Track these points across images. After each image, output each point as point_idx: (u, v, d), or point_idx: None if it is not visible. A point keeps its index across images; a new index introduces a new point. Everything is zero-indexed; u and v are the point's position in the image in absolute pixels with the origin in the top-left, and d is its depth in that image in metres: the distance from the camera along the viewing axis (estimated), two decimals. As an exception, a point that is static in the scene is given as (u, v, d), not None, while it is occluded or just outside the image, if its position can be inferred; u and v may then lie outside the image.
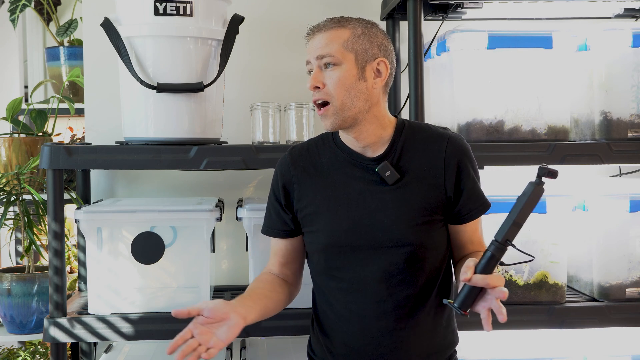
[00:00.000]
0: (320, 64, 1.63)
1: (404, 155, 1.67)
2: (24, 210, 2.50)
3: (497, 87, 2.15)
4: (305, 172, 1.72)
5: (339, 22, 1.65)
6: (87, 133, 2.58)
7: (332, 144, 1.73)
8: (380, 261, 1.63)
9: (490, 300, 1.47)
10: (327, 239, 1.67)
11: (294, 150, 1.77)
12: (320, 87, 1.62)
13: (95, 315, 2.08)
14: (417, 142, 1.68)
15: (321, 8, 2.58)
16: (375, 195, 1.65)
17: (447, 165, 1.66)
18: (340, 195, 1.67)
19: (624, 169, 2.64)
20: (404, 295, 1.64)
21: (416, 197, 1.64)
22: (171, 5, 2.07)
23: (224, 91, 2.27)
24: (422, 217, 1.64)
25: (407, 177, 1.65)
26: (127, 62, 2.07)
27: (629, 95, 2.19)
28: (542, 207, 2.15)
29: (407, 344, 1.65)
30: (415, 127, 1.71)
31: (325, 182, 1.69)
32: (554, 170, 1.44)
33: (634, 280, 2.20)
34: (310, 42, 1.66)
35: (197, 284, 2.13)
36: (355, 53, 1.62)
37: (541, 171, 1.45)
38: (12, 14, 2.94)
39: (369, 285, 1.64)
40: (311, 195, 1.70)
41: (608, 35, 2.19)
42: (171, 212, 2.10)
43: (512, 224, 1.47)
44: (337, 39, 1.62)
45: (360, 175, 1.67)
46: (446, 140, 1.67)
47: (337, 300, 1.68)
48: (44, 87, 3.47)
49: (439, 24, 2.33)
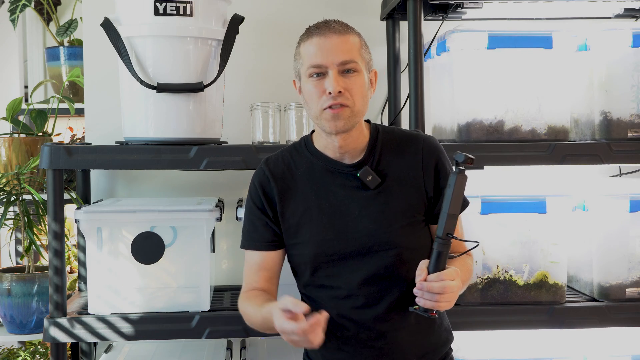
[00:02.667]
0: (341, 69, 1.59)
1: (383, 159, 1.67)
2: (24, 210, 2.51)
3: (497, 87, 2.15)
4: (284, 183, 1.69)
5: (349, 28, 1.64)
6: (87, 133, 2.58)
7: (307, 153, 1.70)
8: (369, 266, 1.63)
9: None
10: (314, 249, 1.65)
11: (269, 162, 1.73)
12: (342, 92, 1.59)
13: (95, 315, 2.08)
14: (394, 146, 1.69)
15: (321, 8, 2.58)
16: (358, 201, 1.65)
17: (425, 165, 1.67)
18: (322, 204, 1.66)
19: (624, 169, 2.63)
20: (395, 297, 1.64)
21: (398, 199, 1.65)
22: (171, 5, 2.07)
23: (224, 91, 2.27)
24: (406, 219, 1.64)
25: (387, 181, 1.65)
26: (127, 62, 2.07)
27: (629, 95, 2.19)
28: (542, 207, 2.15)
29: (402, 345, 1.65)
30: (388, 131, 1.72)
31: (306, 192, 1.67)
32: (470, 157, 1.47)
33: (634, 280, 2.20)
34: (321, 42, 1.60)
35: (197, 284, 2.13)
36: (366, 62, 1.64)
37: (459, 157, 1.48)
38: (12, 14, 2.94)
39: (360, 291, 1.64)
40: (292, 207, 1.68)
41: (608, 35, 2.19)
42: (171, 212, 2.10)
43: (448, 217, 1.50)
44: (355, 45, 1.62)
45: (340, 182, 1.66)
46: (421, 142, 1.69)
47: (328, 307, 1.65)
48: (44, 87, 3.47)
49: (439, 24, 2.33)
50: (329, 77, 1.59)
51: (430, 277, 1.49)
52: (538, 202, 2.15)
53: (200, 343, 2.48)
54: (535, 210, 2.15)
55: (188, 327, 2.08)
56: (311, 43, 1.62)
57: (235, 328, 2.10)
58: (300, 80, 1.66)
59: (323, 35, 1.61)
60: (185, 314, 2.10)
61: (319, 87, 1.60)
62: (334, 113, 1.59)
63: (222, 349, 2.43)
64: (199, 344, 2.48)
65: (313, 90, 1.61)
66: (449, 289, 1.48)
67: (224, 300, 2.32)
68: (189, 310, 2.12)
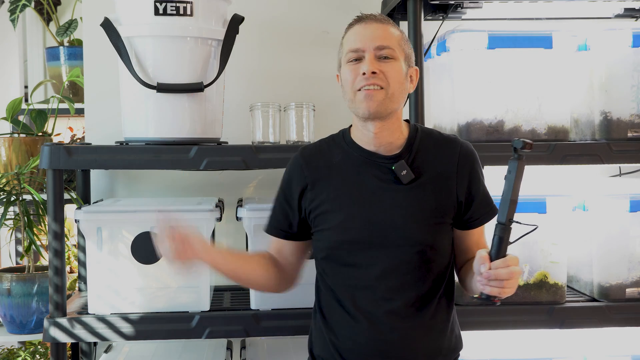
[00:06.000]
0: (378, 54, 1.63)
1: (419, 157, 1.69)
2: (24, 210, 2.50)
3: (497, 87, 2.15)
4: (318, 172, 1.72)
5: (390, 21, 1.70)
6: (87, 133, 2.58)
7: (344, 143, 1.73)
8: (390, 259, 1.64)
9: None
10: (339, 235, 1.67)
11: (306, 151, 1.77)
12: (376, 73, 1.62)
13: (95, 315, 2.08)
14: (431, 146, 1.71)
15: (321, 8, 2.57)
16: (389, 193, 1.66)
17: (460, 170, 1.69)
18: (353, 192, 1.68)
19: (624, 169, 2.63)
20: (412, 295, 1.65)
21: (429, 198, 1.66)
22: (171, 5, 2.07)
23: (224, 91, 2.27)
24: (433, 218, 1.66)
25: (421, 178, 1.67)
26: (127, 62, 2.07)
27: (629, 95, 2.19)
28: (542, 207, 2.15)
29: (414, 343, 1.66)
30: (427, 131, 1.75)
31: (339, 180, 1.70)
32: (529, 142, 1.48)
33: (634, 280, 2.20)
34: (360, 29, 1.66)
35: (197, 284, 2.13)
36: (405, 54, 1.68)
37: (517, 144, 1.49)
38: (12, 14, 2.94)
39: (379, 283, 1.65)
40: (324, 194, 1.70)
41: (608, 35, 2.19)
42: (171, 212, 2.09)
43: (510, 202, 1.51)
44: (394, 36, 1.66)
45: (375, 173, 1.68)
46: (459, 146, 1.71)
47: (345, 296, 1.68)
48: (44, 87, 3.47)
49: (439, 24, 2.33)
50: (365, 60, 1.63)
51: (495, 263, 1.49)
52: (538, 202, 2.15)
53: (200, 343, 2.48)
54: (535, 210, 2.15)
55: (188, 327, 2.08)
56: (352, 31, 1.68)
57: (235, 328, 2.10)
58: (340, 70, 1.70)
59: (364, 23, 1.67)
60: (185, 314, 2.10)
61: (354, 71, 1.64)
62: (367, 93, 1.62)
63: (222, 349, 2.43)
64: (199, 344, 2.48)
65: (349, 73, 1.65)
66: (516, 274, 1.49)
67: (224, 300, 2.32)
68: (189, 310, 2.12)
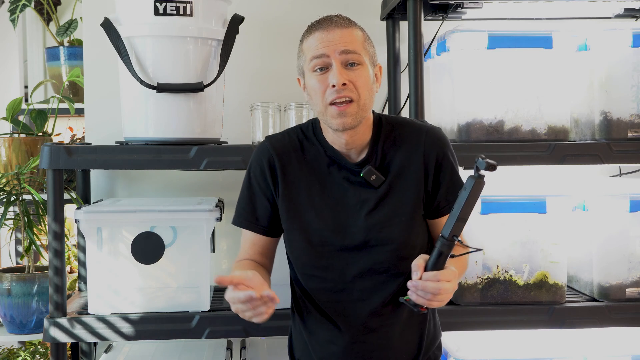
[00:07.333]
0: (344, 61, 1.57)
1: (385, 155, 1.66)
2: (24, 210, 2.51)
3: (497, 87, 2.15)
4: (289, 164, 1.68)
5: (351, 22, 1.63)
6: (87, 133, 2.58)
7: (316, 141, 1.69)
8: (365, 260, 1.63)
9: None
10: (313, 238, 1.65)
11: (273, 139, 1.72)
12: (346, 85, 1.56)
13: (95, 315, 2.08)
14: (396, 140, 1.67)
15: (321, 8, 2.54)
16: (361, 195, 1.64)
17: (427, 158, 1.65)
18: (325, 194, 1.66)
19: (624, 169, 2.63)
20: (389, 293, 1.64)
21: (400, 195, 1.64)
22: (171, 5, 2.07)
23: (224, 91, 2.27)
24: (406, 214, 1.64)
25: (390, 177, 1.65)
26: (127, 62, 2.07)
27: (629, 95, 2.18)
28: (542, 207, 2.15)
29: (392, 341, 1.66)
30: (392, 122, 1.70)
31: (311, 180, 1.67)
32: (492, 163, 1.41)
33: (634, 280, 2.19)
34: (323, 36, 1.59)
35: (197, 284, 2.13)
36: (370, 55, 1.62)
37: (480, 164, 1.42)
38: (12, 14, 2.94)
39: (355, 284, 1.64)
40: (296, 190, 1.67)
41: (608, 35, 2.19)
42: (171, 212, 2.10)
43: (457, 219, 1.45)
44: (358, 38, 1.60)
45: (346, 176, 1.66)
46: (424, 134, 1.67)
47: (321, 300, 1.67)
48: (44, 87, 3.47)
49: (439, 24, 2.33)
50: (333, 69, 1.57)
51: (426, 275, 1.46)
52: (538, 202, 2.15)
53: (200, 343, 2.48)
54: (535, 210, 2.15)
55: (188, 327, 2.08)
56: (313, 37, 1.61)
57: (235, 328, 2.10)
58: (304, 77, 1.64)
59: (325, 29, 1.60)
60: (185, 314, 2.10)
61: (322, 82, 1.58)
62: (340, 110, 1.57)
63: (222, 349, 2.43)
64: (199, 344, 2.48)
65: (317, 85, 1.59)
66: (443, 290, 1.45)
67: (224, 300, 2.29)
68: (189, 310, 2.12)
